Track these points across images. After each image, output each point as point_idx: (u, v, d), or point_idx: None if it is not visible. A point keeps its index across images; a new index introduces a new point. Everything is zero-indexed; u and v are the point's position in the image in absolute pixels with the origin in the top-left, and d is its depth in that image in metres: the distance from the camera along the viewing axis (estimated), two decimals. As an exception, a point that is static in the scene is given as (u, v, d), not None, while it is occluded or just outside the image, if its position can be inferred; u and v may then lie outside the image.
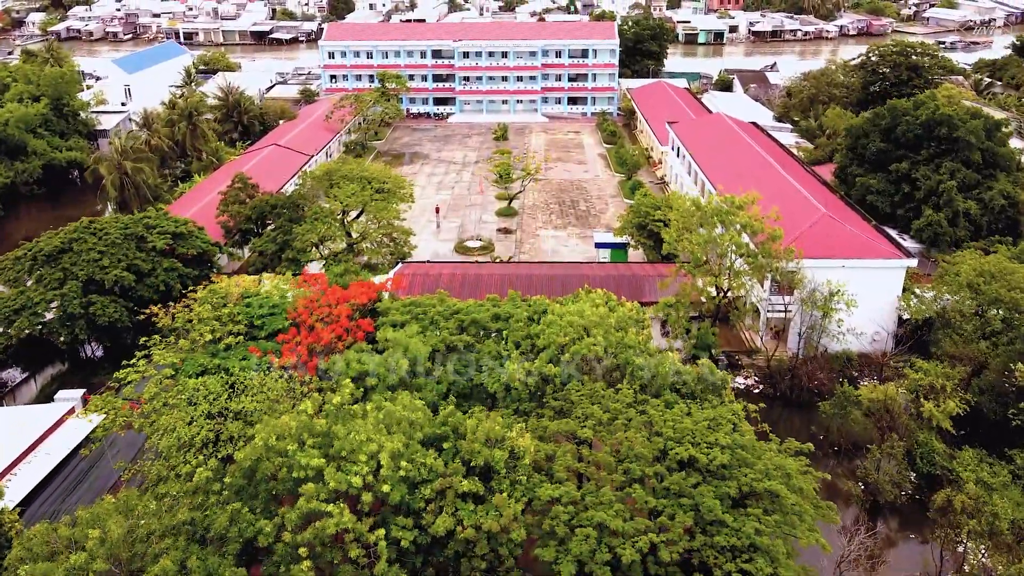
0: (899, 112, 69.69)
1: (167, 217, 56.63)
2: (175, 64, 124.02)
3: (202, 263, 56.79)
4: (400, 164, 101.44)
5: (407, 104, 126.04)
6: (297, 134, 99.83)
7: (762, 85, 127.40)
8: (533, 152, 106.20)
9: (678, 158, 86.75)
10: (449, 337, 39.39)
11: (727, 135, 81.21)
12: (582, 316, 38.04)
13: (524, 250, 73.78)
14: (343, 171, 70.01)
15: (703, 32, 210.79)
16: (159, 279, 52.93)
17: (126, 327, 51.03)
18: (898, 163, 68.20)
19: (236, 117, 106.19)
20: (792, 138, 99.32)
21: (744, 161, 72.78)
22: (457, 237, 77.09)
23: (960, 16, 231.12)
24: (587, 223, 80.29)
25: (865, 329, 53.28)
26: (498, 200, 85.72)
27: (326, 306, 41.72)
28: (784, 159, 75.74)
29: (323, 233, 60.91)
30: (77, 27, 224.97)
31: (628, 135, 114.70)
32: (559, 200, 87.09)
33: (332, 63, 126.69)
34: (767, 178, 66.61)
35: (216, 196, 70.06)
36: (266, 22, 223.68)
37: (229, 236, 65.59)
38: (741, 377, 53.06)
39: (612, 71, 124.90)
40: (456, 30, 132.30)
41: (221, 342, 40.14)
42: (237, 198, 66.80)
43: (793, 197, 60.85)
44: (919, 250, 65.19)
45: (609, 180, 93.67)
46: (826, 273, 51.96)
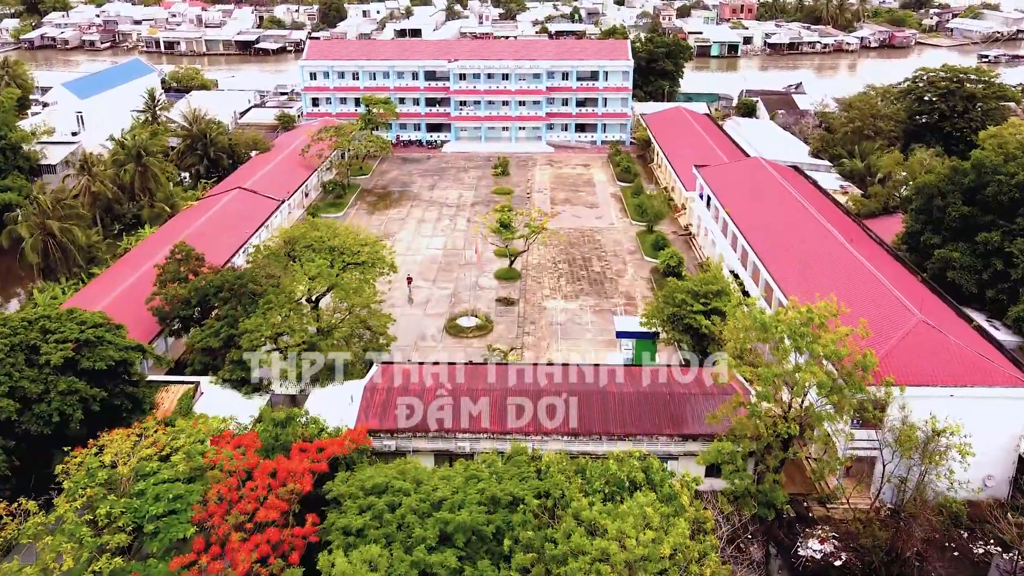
0: (986, 169, 57.23)
1: (71, 318, 43.89)
2: (139, 85, 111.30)
3: (116, 376, 44.13)
4: (386, 207, 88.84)
5: (397, 130, 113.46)
6: (268, 172, 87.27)
7: (791, 111, 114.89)
8: (538, 189, 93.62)
9: (707, 208, 74.26)
10: (427, 558, 26.84)
11: (768, 186, 68.70)
12: (622, 544, 25.49)
13: (528, 329, 61.25)
14: (308, 239, 57.55)
15: (716, 44, 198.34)
16: (52, 406, 40.29)
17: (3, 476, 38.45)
18: (987, 232, 55.73)
19: (201, 149, 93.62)
20: (833, 178, 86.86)
21: (794, 225, 60.28)
22: (448, 309, 64.54)
23: (986, 27, 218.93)
24: (603, 290, 67.74)
25: (975, 473, 40.77)
26: (497, 257, 73.17)
27: (251, 497, 29.15)
28: (839, 219, 63.28)
29: (278, 327, 48.30)
30: (52, 35, 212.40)
31: (643, 169, 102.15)
32: (568, 257, 74.52)
33: (313, 85, 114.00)
34: (829, 254, 54.02)
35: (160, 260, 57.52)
36: (252, 31, 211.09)
37: (164, 323, 53.03)
38: (816, 541, 40.50)
39: (625, 95, 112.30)
40: (452, 48, 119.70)
41: (89, 568, 27.56)
42: (176, 274, 54.25)
43: (869, 287, 48.25)
44: (1017, 344, 52.86)
45: (626, 230, 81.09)
46: (927, 404, 39.58)
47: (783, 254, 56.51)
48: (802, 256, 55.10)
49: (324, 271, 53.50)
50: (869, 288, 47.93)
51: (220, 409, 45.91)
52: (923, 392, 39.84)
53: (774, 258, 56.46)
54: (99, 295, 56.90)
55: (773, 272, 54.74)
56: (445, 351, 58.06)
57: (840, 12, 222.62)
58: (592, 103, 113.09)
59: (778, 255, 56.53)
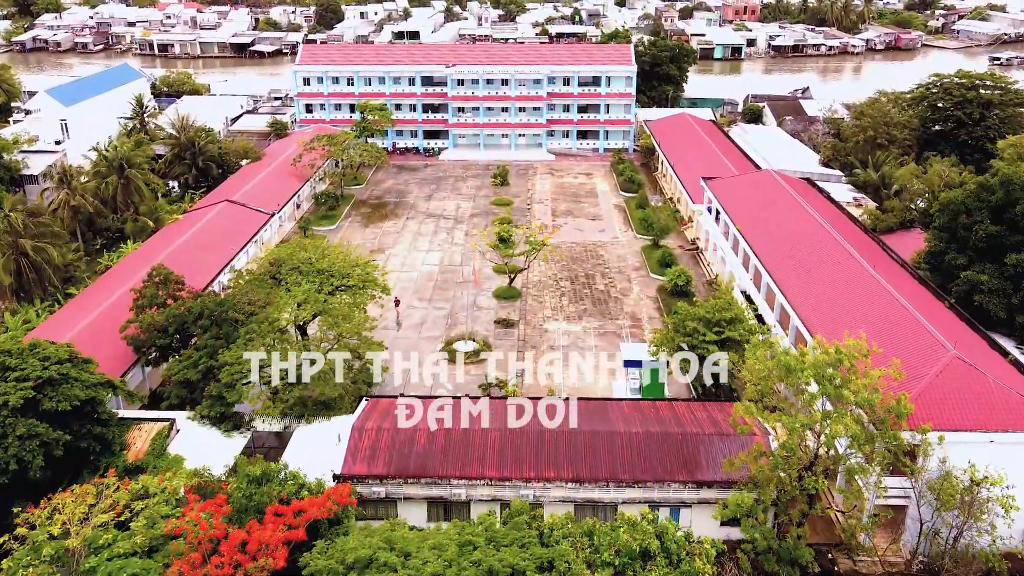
0: (1015, 185, 53.89)
1: (34, 353, 40.45)
2: (127, 91, 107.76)
3: (83, 416, 40.77)
4: (381, 219, 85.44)
5: (393, 137, 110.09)
6: (258, 183, 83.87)
7: (799, 117, 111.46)
8: (538, 200, 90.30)
9: (716, 223, 70.93)
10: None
11: (781, 201, 65.33)
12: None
13: (529, 354, 57.86)
14: (295, 260, 54.13)
15: (719, 47, 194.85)
16: (9, 453, 36.94)
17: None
18: (1016, 253, 52.40)
19: (190, 159, 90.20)
20: (846, 190, 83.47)
21: (811, 245, 56.89)
22: (444, 332, 61.14)
23: (993, 28, 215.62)
24: (607, 310, 64.37)
25: (1019, 526, 37.47)
26: (496, 274, 69.82)
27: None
28: (857, 237, 59.94)
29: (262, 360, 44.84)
30: (44, 37, 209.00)
31: (647, 178, 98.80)
32: (571, 274, 71.14)
33: (307, 91, 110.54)
34: (852, 279, 50.61)
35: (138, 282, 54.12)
36: (247, 33, 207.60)
37: (140, 352, 49.63)
38: (843, 600, 37.19)
39: (628, 101, 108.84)
40: (450, 53, 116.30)
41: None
42: (153, 299, 50.84)
43: (898, 318, 44.82)
44: (1051, 374, 49.44)
45: (630, 245, 77.70)
46: (964, 451, 36.28)
47: (801, 279, 53.05)
48: (822, 281, 51.60)
49: (311, 296, 50.16)
50: (897, 319, 44.47)
51: (197, 449, 42.69)
52: (960, 438, 36.48)
53: (792, 283, 52.99)
54: (73, 319, 53.55)
55: (792, 299, 51.21)
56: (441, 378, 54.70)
57: (845, 14, 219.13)
58: (594, 109, 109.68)
59: (796, 280, 53.06)
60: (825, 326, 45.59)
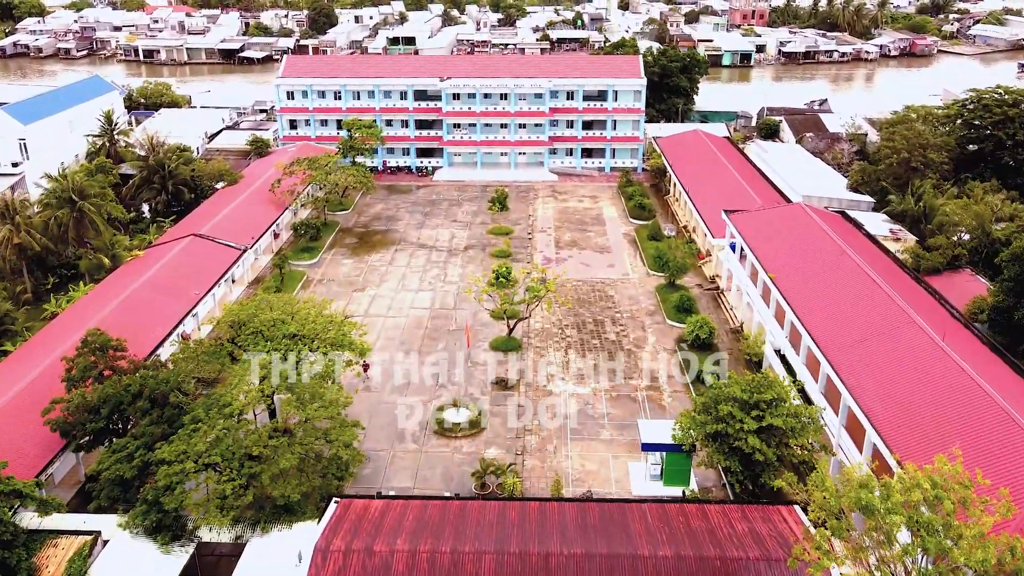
0: (1098, 234, 46.17)
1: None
2: (96, 105, 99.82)
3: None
4: (368, 251, 77.56)
5: (384, 155, 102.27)
6: (233, 210, 76.00)
7: (819, 134, 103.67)
8: (540, 229, 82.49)
9: (741, 262, 63.17)
10: None
11: (817, 244, 57.43)
12: None
13: (530, 426, 50.03)
14: (258, 321, 46.20)
15: (728, 53, 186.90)
16: None
17: None
18: (1103, 315, 44.71)
19: (159, 182, 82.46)
20: (880, 219, 75.63)
21: (858, 301, 48.93)
22: (432, 397, 53.21)
23: (1011, 34, 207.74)
24: (620, 367, 56.48)
25: None
26: (493, 319, 62.00)
27: None
28: (905, 285, 52.15)
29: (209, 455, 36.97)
30: (26, 42, 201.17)
31: (658, 200, 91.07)
32: (578, 320, 63.32)
33: (291, 105, 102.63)
34: (916, 351, 42.48)
35: (71, 347, 46.29)
36: (237, 38, 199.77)
37: (68, 436, 41.73)
38: None
39: (637, 117, 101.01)
40: (445, 64, 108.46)
41: None
42: (86, 370, 43.02)
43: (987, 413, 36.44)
44: None
45: (642, 283, 69.87)
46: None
47: (856, 350, 44.64)
48: (880, 353, 43.14)
49: (278, 370, 42.31)
50: (990, 420, 35.96)
51: (126, 571, 34.97)
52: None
53: (842, 353, 44.59)
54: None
55: (859, 399, 40.10)
56: (427, 456, 46.95)
57: (857, 18, 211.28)
58: (600, 126, 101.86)
59: (851, 358, 44.19)
60: (902, 435, 36.99)
